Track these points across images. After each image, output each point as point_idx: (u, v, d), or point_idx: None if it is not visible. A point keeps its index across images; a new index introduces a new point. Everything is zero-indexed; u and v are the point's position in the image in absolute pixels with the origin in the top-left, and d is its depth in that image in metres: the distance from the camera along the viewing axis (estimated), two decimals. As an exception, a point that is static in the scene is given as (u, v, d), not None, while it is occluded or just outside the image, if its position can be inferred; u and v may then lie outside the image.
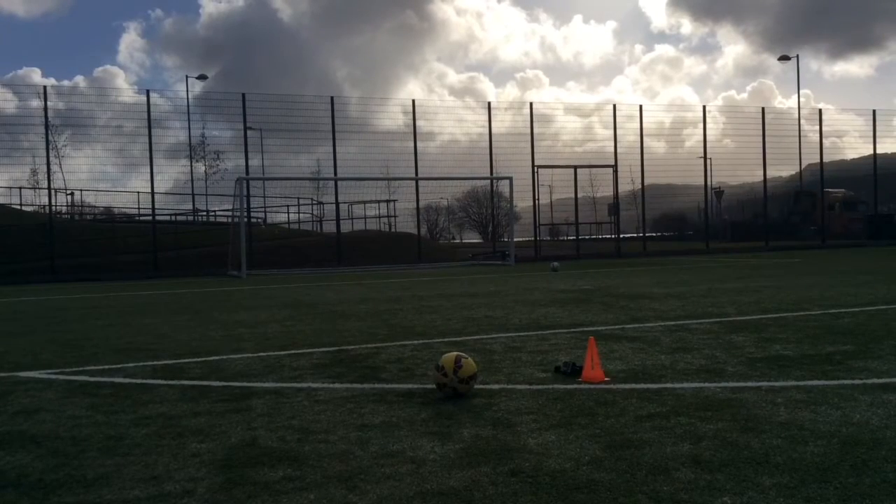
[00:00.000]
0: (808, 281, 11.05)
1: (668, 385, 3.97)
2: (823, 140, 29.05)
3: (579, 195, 26.73)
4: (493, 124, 25.60)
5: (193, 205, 28.52)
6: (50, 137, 22.34)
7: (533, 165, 25.38)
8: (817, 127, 29.48)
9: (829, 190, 32.59)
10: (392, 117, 26.28)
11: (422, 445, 2.99)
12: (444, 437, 3.10)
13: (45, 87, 21.97)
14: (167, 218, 27.55)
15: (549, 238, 37.06)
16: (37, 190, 26.74)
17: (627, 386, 3.99)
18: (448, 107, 37.08)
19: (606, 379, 4.12)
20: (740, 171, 32.23)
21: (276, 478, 2.65)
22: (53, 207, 24.01)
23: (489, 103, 25.72)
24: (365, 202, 28.11)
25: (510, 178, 22.38)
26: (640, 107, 26.94)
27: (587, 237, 32.88)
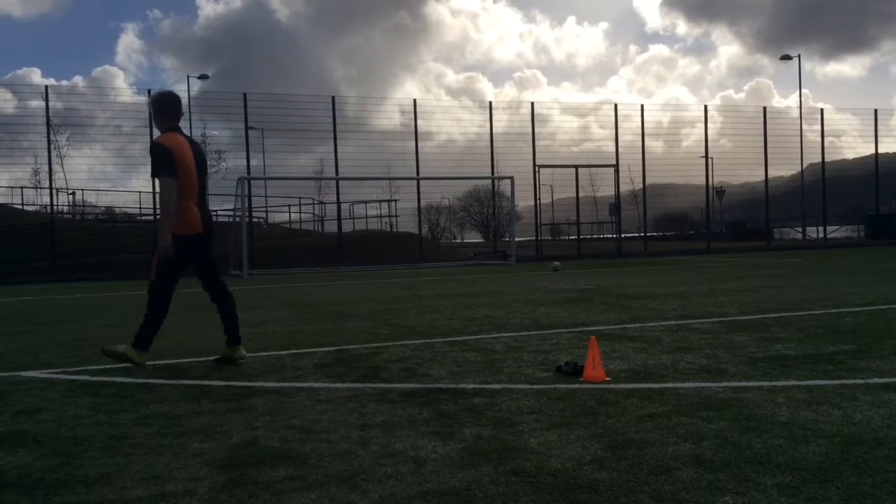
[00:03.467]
0: (809, 281, 11.05)
1: (670, 385, 3.97)
2: (823, 139, 28.99)
3: (580, 195, 26.73)
4: (494, 124, 25.62)
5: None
6: (51, 137, 22.38)
7: (534, 165, 25.39)
8: (816, 126, 29.49)
9: None
10: (392, 117, 26.30)
11: (423, 445, 2.99)
12: (445, 436, 3.10)
13: (45, 87, 22.00)
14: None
15: (550, 238, 37.08)
16: (38, 190, 26.79)
17: (629, 385, 3.99)
18: (449, 106, 37.14)
19: (608, 378, 4.12)
20: (741, 170, 32.19)
21: (278, 477, 2.65)
22: (55, 207, 24.03)
23: (490, 103, 25.75)
24: (366, 202, 28.14)
25: (511, 178, 22.40)
26: (642, 106, 26.97)
27: (588, 237, 32.91)
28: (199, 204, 5.14)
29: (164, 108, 5.15)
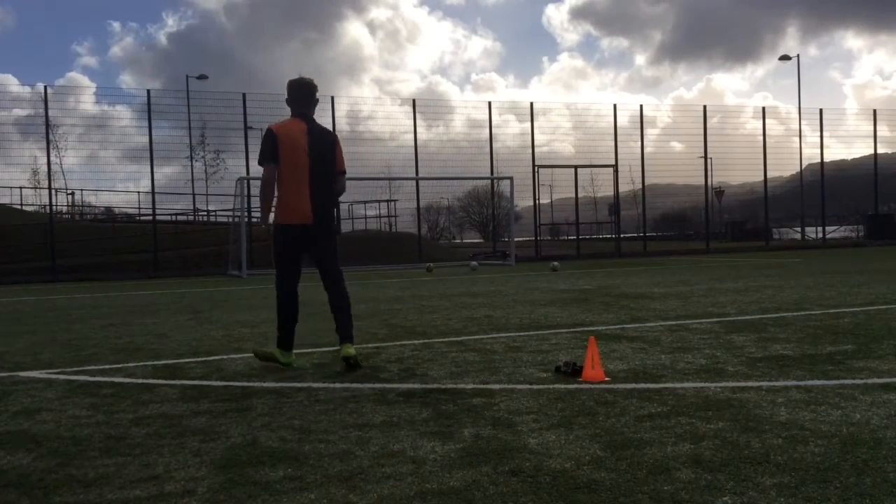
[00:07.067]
0: (808, 281, 11.05)
1: (669, 385, 3.97)
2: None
3: (580, 195, 26.74)
4: (493, 124, 25.62)
5: (194, 205, 28.56)
6: (50, 137, 22.39)
7: (533, 165, 25.40)
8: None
9: None
10: (392, 116, 26.29)
11: (422, 445, 2.99)
12: (444, 436, 3.10)
13: (45, 87, 21.99)
14: (167, 217, 27.59)
15: (549, 238, 37.10)
16: (37, 190, 26.80)
17: (628, 386, 3.99)
18: (449, 106, 37.13)
19: (607, 379, 4.12)
20: (738, 171, 32.14)
21: (277, 477, 2.65)
22: (54, 207, 24.02)
23: (489, 103, 25.74)
24: (365, 202, 28.17)
25: (510, 178, 22.40)
26: (641, 106, 26.99)
27: (588, 237, 32.93)
28: (311, 194, 4.89)
29: (288, 94, 5.09)
